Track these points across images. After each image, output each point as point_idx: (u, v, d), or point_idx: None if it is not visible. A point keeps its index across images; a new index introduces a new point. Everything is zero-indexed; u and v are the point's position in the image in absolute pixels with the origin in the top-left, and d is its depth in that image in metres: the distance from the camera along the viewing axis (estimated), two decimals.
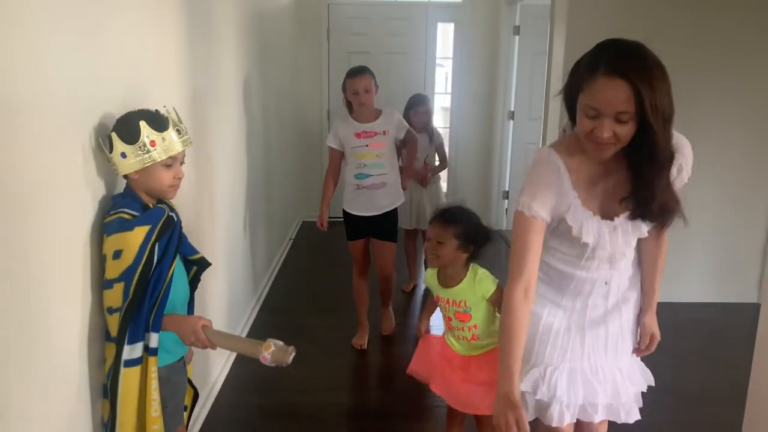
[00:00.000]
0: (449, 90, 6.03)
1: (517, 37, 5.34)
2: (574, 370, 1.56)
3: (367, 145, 2.97)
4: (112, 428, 1.46)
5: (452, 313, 1.98)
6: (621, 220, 1.42)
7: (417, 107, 3.87)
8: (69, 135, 1.36)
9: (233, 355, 2.96)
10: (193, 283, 1.72)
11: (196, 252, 1.71)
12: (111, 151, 1.44)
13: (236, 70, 3.12)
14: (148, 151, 1.44)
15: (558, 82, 4.04)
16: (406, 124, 3.14)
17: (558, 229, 1.47)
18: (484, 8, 5.65)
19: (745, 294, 3.93)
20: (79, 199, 1.41)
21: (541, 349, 1.56)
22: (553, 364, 1.56)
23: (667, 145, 1.30)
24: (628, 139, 1.28)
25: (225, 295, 2.84)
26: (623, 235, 1.43)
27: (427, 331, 2.17)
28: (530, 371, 1.57)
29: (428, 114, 3.92)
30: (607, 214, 1.42)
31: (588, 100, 1.28)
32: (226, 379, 2.77)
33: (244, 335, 3.20)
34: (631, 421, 1.59)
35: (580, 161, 1.40)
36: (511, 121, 5.53)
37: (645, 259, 1.57)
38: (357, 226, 3.10)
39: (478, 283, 1.94)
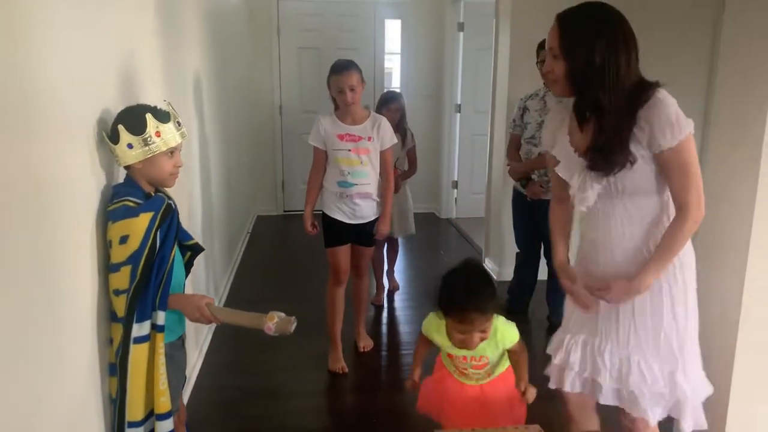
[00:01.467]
0: (397, 85, 6.23)
1: (461, 33, 5.59)
2: (587, 342, 1.68)
3: (350, 150, 2.73)
4: (121, 403, 1.56)
5: (469, 366, 1.83)
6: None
7: (389, 104, 3.54)
8: (75, 129, 1.45)
9: (206, 343, 3.05)
10: (188, 267, 1.83)
11: (190, 238, 1.82)
12: (116, 143, 1.54)
13: (199, 67, 3.19)
14: (153, 142, 1.54)
15: (504, 77, 4.27)
16: (395, 139, 2.85)
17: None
18: (429, 5, 5.87)
19: None
20: (86, 188, 1.50)
21: (569, 316, 1.76)
22: (572, 332, 1.72)
23: (585, 88, 1.52)
24: (559, 75, 1.55)
25: (190, 287, 2.91)
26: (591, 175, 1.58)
27: (420, 378, 1.91)
28: (557, 336, 1.77)
29: (400, 112, 3.57)
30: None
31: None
32: (202, 365, 2.86)
33: (212, 325, 3.29)
34: (640, 415, 1.62)
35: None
36: (458, 114, 5.78)
37: (654, 237, 1.60)
38: (339, 232, 2.84)
39: (501, 336, 1.76)
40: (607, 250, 1.63)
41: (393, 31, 6.08)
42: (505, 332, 1.76)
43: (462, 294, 1.65)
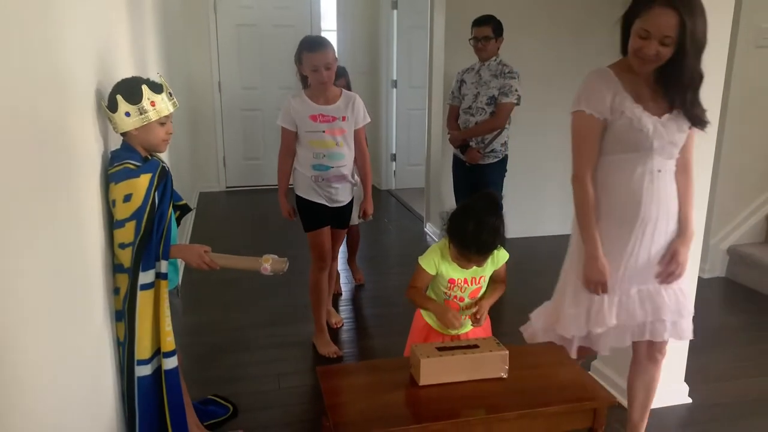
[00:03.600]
0: None
1: (395, 11, 5.84)
2: (638, 290, 1.89)
3: (324, 131, 2.61)
4: (130, 344, 1.75)
5: (468, 293, 1.93)
6: (666, 117, 1.77)
7: (335, 81, 3.00)
8: (85, 100, 1.62)
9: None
10: (177, 224, 2.02)
11: (180, 198, 2.02)
12: (115, 111, 1.71)
13: (151, 45, 3.29)
14: (148, 111, 1.72)
15: (440, 53, 4.58)
16: (368, 117, 2.80)
17: (618, 131, 1.78)
18: None
19: None
20: (92, 153, 1.67)
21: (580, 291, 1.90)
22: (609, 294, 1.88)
23: (695, 68, 1.70)
24: (665, 59, 1.68)
25: None
26: (669, 129, 1.77)
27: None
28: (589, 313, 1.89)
29: (347, 88, 3.15)
30: (655, 113, 1.78)
31: (642, 24, 1.66)
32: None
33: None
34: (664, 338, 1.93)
35: (628, 76, 1.79)
36: (395, 90, 6.06)
37: (679, 192, 1.85)
38: (319, 214, 2.73)
39: (497, 255, 1.92)
40: (662, 221, 1.81)
41: (329, 8, 6.25)
42: (498, 252, 1.92)
43: (471, 241, 1.80)
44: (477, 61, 3.54)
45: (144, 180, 1.72)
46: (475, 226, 1.78)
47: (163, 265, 1.76)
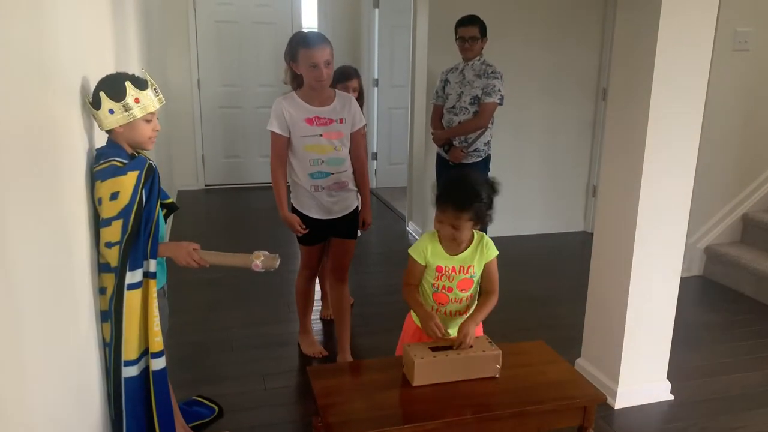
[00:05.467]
0: None
1: (377, 10, 5.83)
2: None
3: (321, 135, 2.43)
4: (117, 345, 1.72)
5: (456, 283, 1.91)
6: None
7: (344, 81, 3.03)
8: (69, 96, 1.58)
9: None
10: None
11: (168, 197, 1.98)
12: (98, 108, 1.67)
13: (134, 42, 3.23)
14: (133, 108, 1.69)
15: (423, 52, 4.61)
16: (364, 119, 2.61)
17: None
18: None
19: (573, 225, 4.89)
20: (77, 150, 1.63)
21: None
22: None
23: None
24: None
25: None
26: None
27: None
28: None
29: (358, 91, 3.08)
30: None
31: None
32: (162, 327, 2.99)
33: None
34: None
35: None
36: (376, 88, 6.05)
37: None
38: (315, 230, 2.57)
39: (485, 247, 1.91)
40: None
41: (309, 6, 6.22)
42: (489, 244, 1.93)
43: (449, 192, 1.83)
44: (461, 61, 3.55)
45: (131, 178, 1.68)
46: (454, 180, 1.85)
47: (152, 264, 1.73)
